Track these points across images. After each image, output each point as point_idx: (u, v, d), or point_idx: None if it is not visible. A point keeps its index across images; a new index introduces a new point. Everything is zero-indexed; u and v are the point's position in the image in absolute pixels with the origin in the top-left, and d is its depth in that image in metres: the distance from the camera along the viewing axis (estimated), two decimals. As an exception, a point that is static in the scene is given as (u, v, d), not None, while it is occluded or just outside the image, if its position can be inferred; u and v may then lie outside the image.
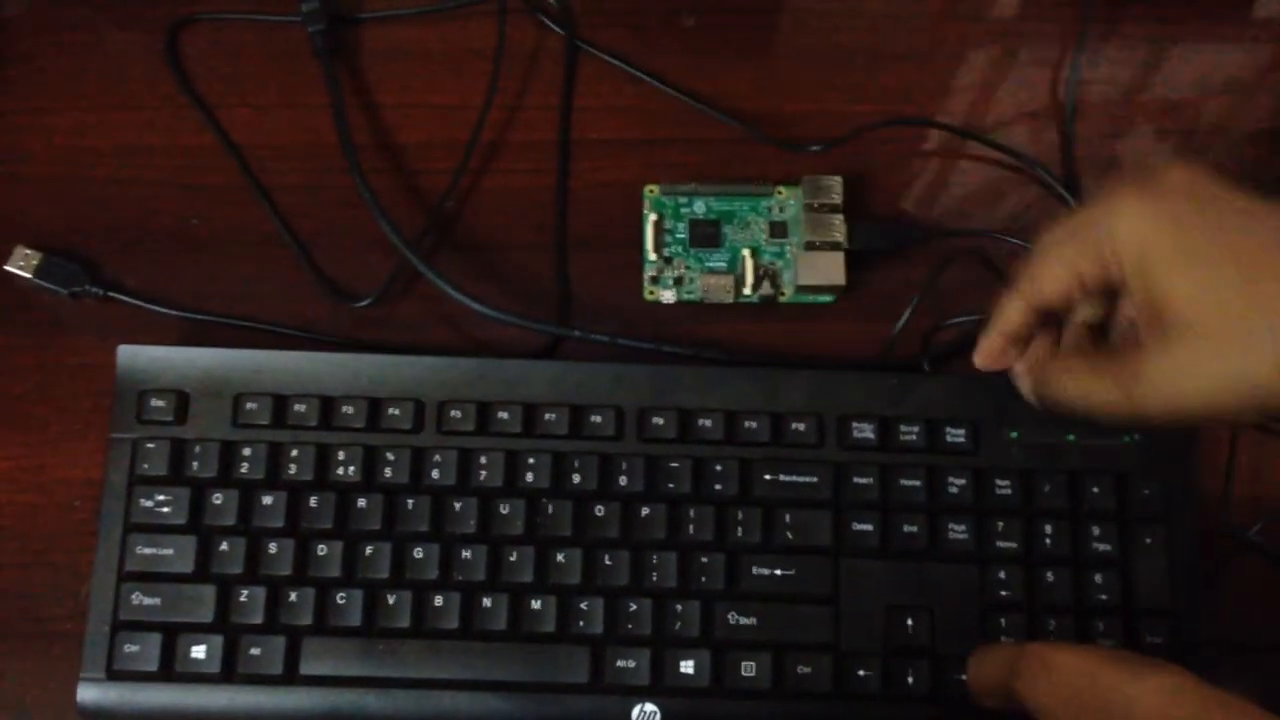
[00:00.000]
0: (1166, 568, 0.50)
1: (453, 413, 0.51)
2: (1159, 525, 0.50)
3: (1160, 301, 0.38)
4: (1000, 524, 0.50)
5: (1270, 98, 0.60)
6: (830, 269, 0.54)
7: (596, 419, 0.51)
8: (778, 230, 0.56)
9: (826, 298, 0.56)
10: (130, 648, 0.48)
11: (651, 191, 0.57)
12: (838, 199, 0.55)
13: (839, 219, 0.55)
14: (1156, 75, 0.60)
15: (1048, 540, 0.50)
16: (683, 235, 0.56)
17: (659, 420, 0.51)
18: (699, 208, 0.57)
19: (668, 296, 0.56)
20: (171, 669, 0.48)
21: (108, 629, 0.49)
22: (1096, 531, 0.50)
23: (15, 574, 0.53)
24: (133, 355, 0.52)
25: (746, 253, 0.56)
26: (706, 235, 0.56)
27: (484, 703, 0.49)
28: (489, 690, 0.49)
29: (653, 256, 0.56)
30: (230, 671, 0.48)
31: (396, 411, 0.51)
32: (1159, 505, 0.50)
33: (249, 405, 0.51)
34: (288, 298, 0.56)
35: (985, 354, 0.47)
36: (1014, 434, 0.51)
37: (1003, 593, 0.49)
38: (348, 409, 0.51)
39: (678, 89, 0.59)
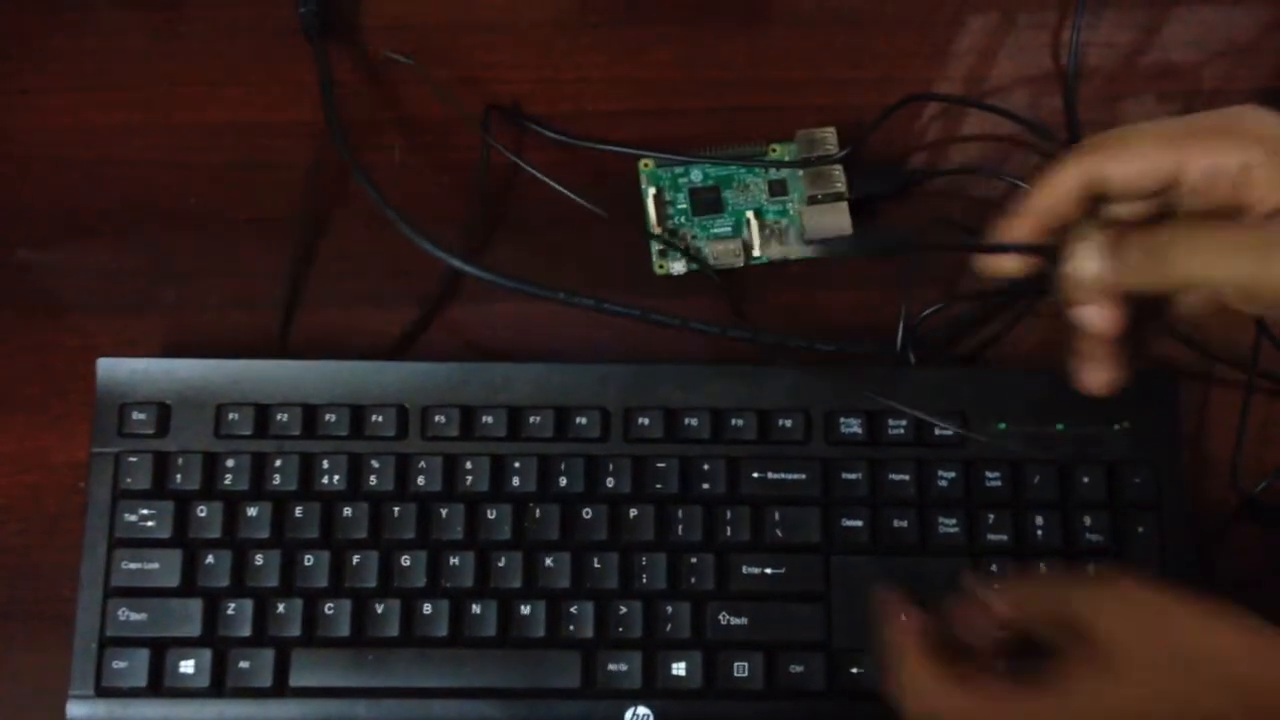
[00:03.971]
0: (1160, 556, 0.49)
1: (437, 418, 0.51)
2: (1151, 513, 0.50)
3: None
4: (991, 516, 0.50)
5: (1270, 58, 0.60)
6: (836, 221, 0.54)
7: (581, 420, 0.51)
8: (777, 189, 0.56)
9: None
10: (118, 664, 0.48)
11: (646, 165, 0.57)
12: (834, 149, 0.55)
13: (838, 170, 0.55)
14: (1156, 37, 0.60)
15: (1039, 532, 0.50)
16: (684, 205, 0.56)
17: (644, 420, 0.51)
18: (696, 175, 0.56)
19: (678, 268, 0.56)
20: (160, 684, 0.48)
21: (95, 645, 0.48)
22: (1088, 521, 0.50)
23: (19, 555, 0.53)
24: (112, 368, 0.51)
25: (750, 215, 0.56)
26: (708, 202, 0.56)
27: (475, 710, 0.48)
28: (480, 697, 0.48)
29: (657, 230, 0.56)
30: (220, 685, 0.48)
31: (380, 418, 0.51)
32: (1151, 493, 0.50)
33: (231, 415, 0.50)
34: (287, 274, 0.56)
35: (1013, 236, 0.40)
36: (1002, 425, 0.51)
37: (995, 586, 0.49)
38: (330, 417, 0.50)
39: (674, 59, 0.59)
